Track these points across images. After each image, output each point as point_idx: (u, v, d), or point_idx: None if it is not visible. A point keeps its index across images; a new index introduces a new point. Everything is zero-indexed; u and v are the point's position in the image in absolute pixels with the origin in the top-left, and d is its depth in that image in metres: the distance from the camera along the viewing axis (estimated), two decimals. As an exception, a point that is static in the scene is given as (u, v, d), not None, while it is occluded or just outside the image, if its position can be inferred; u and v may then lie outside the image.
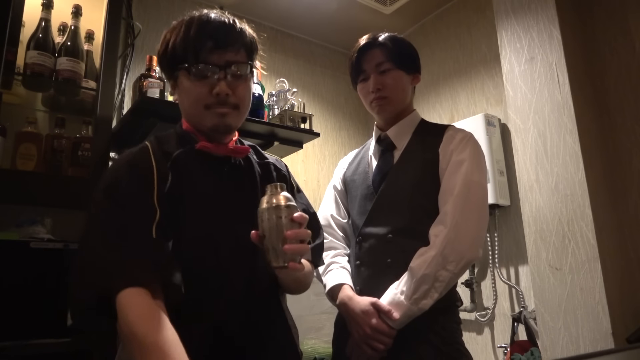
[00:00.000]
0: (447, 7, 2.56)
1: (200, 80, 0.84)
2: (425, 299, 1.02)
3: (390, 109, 1.22)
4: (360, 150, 1.37)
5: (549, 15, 1.74)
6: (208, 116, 0.86)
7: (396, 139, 1.23)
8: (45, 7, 1.54)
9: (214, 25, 0.85)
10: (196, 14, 0.87)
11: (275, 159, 1.05)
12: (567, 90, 1.66)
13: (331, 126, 2.77)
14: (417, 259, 1.06)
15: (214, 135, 0.89)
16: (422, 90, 2.61)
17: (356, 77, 1.25)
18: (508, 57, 1.89)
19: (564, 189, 1.62)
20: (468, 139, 1.16)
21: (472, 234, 1.07)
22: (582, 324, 1.51)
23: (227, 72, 0.85)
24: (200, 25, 0.85)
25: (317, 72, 2.77)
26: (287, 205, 0.77)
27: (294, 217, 0.76)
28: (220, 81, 0.84)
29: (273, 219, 0.75)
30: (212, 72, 0.84)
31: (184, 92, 0.87)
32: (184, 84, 0.86)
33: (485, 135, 2.07)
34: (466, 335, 2.20)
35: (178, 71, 0.86)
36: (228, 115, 0.86)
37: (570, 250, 1.58)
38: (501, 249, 2.10)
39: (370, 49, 1.21)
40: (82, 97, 1.64)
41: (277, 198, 0.77)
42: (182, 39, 0.85)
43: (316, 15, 2.56)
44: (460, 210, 1.07)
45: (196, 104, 0.86)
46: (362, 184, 1.24)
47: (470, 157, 1.12)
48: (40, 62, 1.48)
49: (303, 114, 1.90)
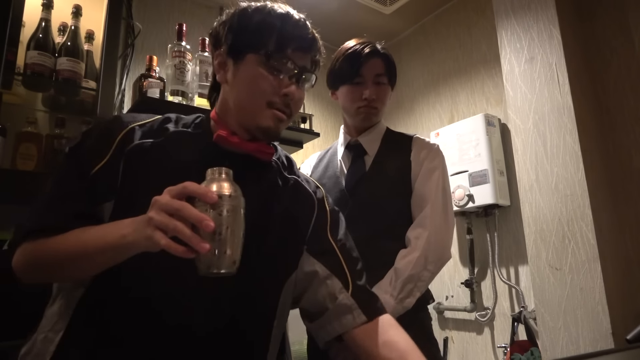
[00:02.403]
0: (447, 7, 2.56)
1: (275, 74, 0.77)
2: (409, 298, 1.08)
3: (374, 119, 1.28)
4: (325, 153, 1.38)
5: (549, 15, 1.74)
6: (266, 115, 0.77)
7: (367, 146, 1.27)
8: (45, 7, 1.54)
9: (306, 27, 0.81)
10: (279, 6, 0.81)
11: (313, 185, 0.94)
12: (567, 90, 1.66)
13: (331, 126, 2.77)
14: (402, 260, 1.11)
15: (255, 136, 0.80)
16: (422, 90, 2.61)
17: (348, 78, 1.24)
18: (508, 57, 1.89)
19: (564, 189, 1.62)
20: (437, 149, 1.26)
21: (449, 236, 1.18)
22: (582, 324, 1.51)
23: (301, 77, 0.81)
24: (294, 21, 0.79)
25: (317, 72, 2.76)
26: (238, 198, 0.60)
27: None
28: (292, 84, 0.79)
29: (237, 212, 0.59)
30: (291, 71, 0.78)
31: (247, 78, 0.78)
32: (252, 69, 0.77)
33: (485, 135, 2.07)
34: (466, 335, 2.20)
35: (249, 53, 0.77)
36: (283, 122, 0.80)
37: (570, 250, 1.58)
38: (501, 249, 2.10)
39: (373, 57, 1.23)
40: (82, 97, 1.64)
41: (231, 186, 0.60)
42: (270, 21, 0.78)
43: (316, 15, 2.54)
44: (438, 214, 1.15)
45: (259, 97, 0.77)
46: (334, 187, 1.25)
47: (441, 166, 1.22)
48: (40, 62, 1.48)
49: (303, 114, 1.90)
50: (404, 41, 2.83)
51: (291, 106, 0.80)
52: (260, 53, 0.77)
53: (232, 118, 0.80)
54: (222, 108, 0.83)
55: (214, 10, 2.41)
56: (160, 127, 0.79)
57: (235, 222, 0.58)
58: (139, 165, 0.71)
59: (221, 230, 0.56)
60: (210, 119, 0.83)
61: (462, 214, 2.20)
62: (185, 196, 0.57)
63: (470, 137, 2.13)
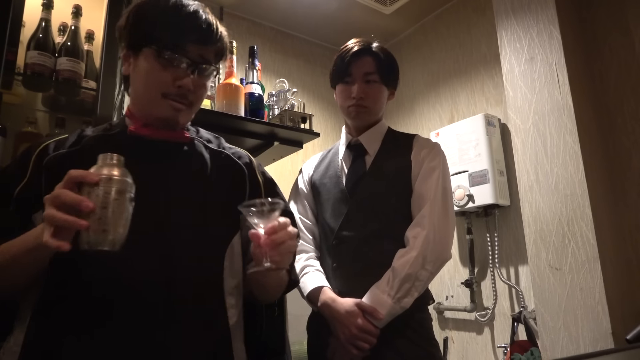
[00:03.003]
0: (447, 7, 2.56)
1: (167, 67, 0.80)
2: (406, 297, 1.07)
3: (365, 117, 1.27)
4: (327, 153, 1.39)
5: (549, 15, 1.74)
6: (162, 105, 0.81)
7: (368, 145, 1.27)
8: (46, 7, 1.54)
9: (199, 18, 0.82)
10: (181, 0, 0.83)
11: (240, 151, 0.98)
12: (567, 90, 1.66)
13: (331, 126, 2.77)
14: (400, 259, 1.10)
15: (157, 126, 0.84)
16: (422, 90, 2.61)
17: (340, 77, 1.26)
18: (508, 57, 1.89)
19: (564, 189, 1.62)
20: (438, 149, 1.25)
21: (448, 236, 1.16)
22: (582, 324, 1.51)
23: (196, 69, 0.83)
24: (186, 13, 0.81)
25: (317, 72, 2.77)
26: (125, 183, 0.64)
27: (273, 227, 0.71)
28: (187, 75, 0.81)
29: (122, 195, 0.62)
30: (185, 63, 0.81)
31: (142, 71, 0.81)
32: (146, 63, 0.81)
33: (485, 135, 2.07)
34: (466, 335, 2.20)
35: (144, 47, 0.81)
36: (182, 112, 0.83)
37: (570, 250, 1.58)
38: (501, 249, 2.10)
39: (363, 55, 1.23)
40: (82, 97, 1.63)
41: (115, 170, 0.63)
42: (163, 17, 0.81)
43: (316, 15, 2.56)
44: (437, 213, 1.14)
45: (153, 89, 0.81)
46: (335, 187, 1.26)
47: (441, 166, 1.20)
48: (40, 62, 1.48)
49: (303, 114, 1.89)
50: (404, 41, 2.83)
51: (189, 97, 0.83)
52: (153, 47, 0.80)
53: (139, 109, 0.85)
54: (132, 102, 0.88)
55: (214, 10, 2.42)
56: (78, 135, 0.84)
57: (119, 203, 0.62)
58: (61, 172, 0.72)
59: (103, 211, 0.60)
60: (125, 116, 0.88)
61: (462, 214, 2.20)
62: (73, 183, 0.61)
63: (470, 137, 2.13)
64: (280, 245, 0.72)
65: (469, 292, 2.16)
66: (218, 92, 1.66)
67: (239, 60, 2.04)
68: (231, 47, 1.69)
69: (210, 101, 1.64)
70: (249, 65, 1.78)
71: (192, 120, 0.93)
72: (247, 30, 2.55)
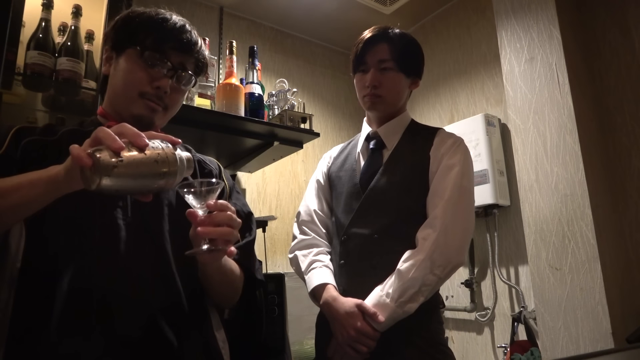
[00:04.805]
0: (447, 7, 2.56)
1: (146, 68, 0.84)
2: (411, 303, 1.02)
3: (381, 107, 1.20)
4: (347, 145, 1.33)
5: (549, 15, 1.74)
6: (138, 104, 0.84)
7: (386, 138, 1.21)
8: (45, 7, 1.54)
9: (184, 30, 0.87)
10: (166, 11, 0.88)
11: (207, 158, 1.00)
12: (567, 90, 1.66)
13: (331, 126, 2.77)
14: (406, 262, 1.04)
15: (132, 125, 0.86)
16: (422, 90, 2.60)
17: (356, 66, 1.22)
18: (508, 57, 1.89)
19: (564, 189, 1.62)
20: (459, 144, 1.16)
21: (460, 239, 1.07)
22: (582, 324, 1.51)
23: (175, 74, 0.86)
24: (173, 24, 0.86)
25: (317, 72, 2.77)
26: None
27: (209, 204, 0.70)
28: (165, 78, 0.84)
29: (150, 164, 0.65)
30: (164, 67, 0.84)
31: (122, 70, 0.85)
32: (127, 63, 0.84)
33: (485, 135, 2.07)
34: (466, 335, 2.20)
35: (128, 48, 0.85)
36: (157, 113, 0.86)
37: (570, 250, 1.58)
38: (501, 249, 2.10)
39: (377, 42, 1.18)
40: (82, 97, 1.63)
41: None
42: (150, 22, 0.85)
43: (316, 15, 2.56)
44: (450, 215, 1.06)
45: (131, 88, 0.84)
46: (349, 181, 1.21)
47: (461, 163, 1.11)
48: (40, 62, 1.48)
49: (303, 114, 1.89)
50: (404, 41, 2.83)
51: (165, 100, 0.85)
52: (137, 48, 0.84)
53: (114, 108, 0.87)
54: (108, 101, 0.89)
55: (214, 10, 2.42)
56: (49, 128, 0.85)
57: (145, 166, 0.61)
58: (37, 156, 0.75)
59: (129, 158, 0.60)
60: (98, 115, 0.90)
61: (462, 214, 2.20)
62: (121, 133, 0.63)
63: (470, 137, 2.13)
64: (218, 226, 0.70)
65: (469, 292, 2.16)
66: (218, 92, 1.66)
67: (239, 60, 2.04)
68: (231, 47, 1.69)
69: (210, 101, 1.64)
70: (249, 65, 1.78)
71: (192, 120, 0.93)
72: (247, 30, 2.55)
